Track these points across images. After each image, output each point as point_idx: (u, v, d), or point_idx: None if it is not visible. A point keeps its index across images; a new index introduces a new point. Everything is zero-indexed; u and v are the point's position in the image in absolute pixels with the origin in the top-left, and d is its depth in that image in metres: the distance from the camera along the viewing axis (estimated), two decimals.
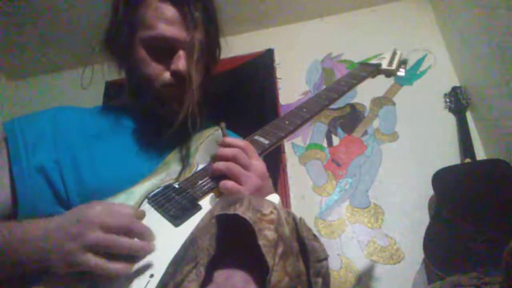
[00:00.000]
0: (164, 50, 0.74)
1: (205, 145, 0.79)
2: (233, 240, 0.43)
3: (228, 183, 0.63)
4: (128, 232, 0.52)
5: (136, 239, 0.53)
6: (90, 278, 0.51)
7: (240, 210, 0.42)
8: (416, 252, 1.36)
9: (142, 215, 0.57)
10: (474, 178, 1.38)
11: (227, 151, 0.67)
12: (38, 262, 0.52)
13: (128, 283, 0.50)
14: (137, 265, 0.52)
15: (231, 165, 0.65)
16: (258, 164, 0.67)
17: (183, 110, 0.73)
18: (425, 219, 1.39)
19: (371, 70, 1.02)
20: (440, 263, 1.20)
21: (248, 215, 0.42)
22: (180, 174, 0.71)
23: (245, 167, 0.65)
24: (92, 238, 0.50)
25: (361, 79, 0.98)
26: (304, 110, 0.84)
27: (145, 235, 0.54)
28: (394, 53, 1.09)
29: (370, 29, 1.98)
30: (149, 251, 0.53)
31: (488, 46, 1.47)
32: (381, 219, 1.53)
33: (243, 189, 0.62)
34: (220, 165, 0.65)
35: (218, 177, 0.66)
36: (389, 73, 1.05)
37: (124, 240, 0.51)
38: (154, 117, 0.77)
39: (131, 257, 0.52)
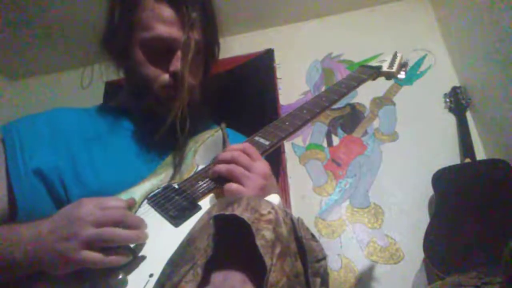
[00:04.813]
0: (162, 51, 0.73)
1: (205, 146, 0.79)
2: (230, 241, 0.43)
3: (233, 186, 0.63)
4: (121, 225, 0.53)
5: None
6: (89, 278, 0.51)
7: (238, 211, 0.42)
8: (416, 252, 1.36)
9: (133, 204, 0.57)
10: (474, 178, 1.38)
11: (228, 153, 0.66)
12: (30, 265, 0.52)
13: (128, 283, 0.50)
14: (136, 265, 0.52)
15: (232, 167, 0.64)
16: (260, 164, 0.66)
17: (173, 111, 0.72)
18: (425, 219, 1.40)
19: (371, 72, 1.02)
20: (440, 263, 1.20)
21: (246, 216, 0.41)
22: (172, 177, 0.71)
23: (247, 168, 0.64)
24: (86, 234, 0.50)
25: (362, 81, 0.98)
26: (305, 111, 0.84)
27: (138, 225, 0.55)
28: (395, 56, 1.10)
29: (370, 29, 1.97)
30: (143, 239, 0.55)
31: (488, 46, 1.47)
32: (381, 219, 1.53)
33: (246, 191, 0.62)
34: (221, 167, 0.65)
35: (220, 179, 0.66)
36: (389, 76, 1.05)
37: (118, 231, 0.52)
38: (153, 118, 0.77)
39: (128, 249, 0.53)
